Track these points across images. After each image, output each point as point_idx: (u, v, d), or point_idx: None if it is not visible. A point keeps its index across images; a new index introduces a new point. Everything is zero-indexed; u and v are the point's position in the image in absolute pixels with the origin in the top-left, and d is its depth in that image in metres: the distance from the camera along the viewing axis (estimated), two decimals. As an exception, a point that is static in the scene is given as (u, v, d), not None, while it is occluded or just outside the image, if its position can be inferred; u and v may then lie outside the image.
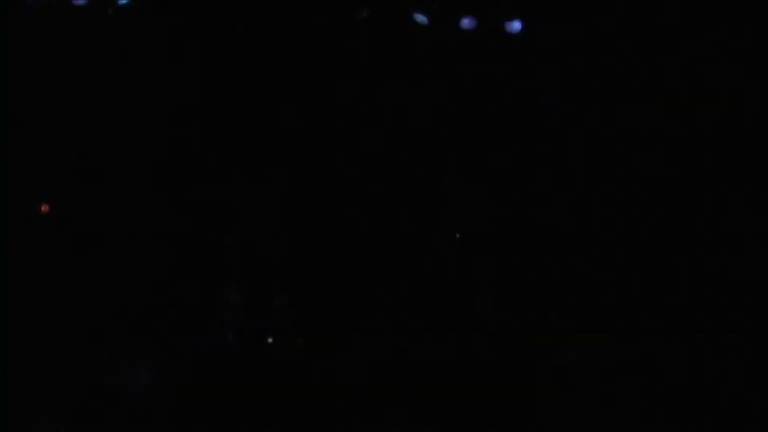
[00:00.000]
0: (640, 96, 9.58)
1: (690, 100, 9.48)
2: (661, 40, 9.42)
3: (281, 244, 9.77)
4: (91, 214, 9.96)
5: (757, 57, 9.41)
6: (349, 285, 10.15)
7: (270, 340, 9.35)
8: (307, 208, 9.88)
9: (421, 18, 9.98)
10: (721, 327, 9.32)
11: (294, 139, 9.92)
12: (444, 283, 9.63)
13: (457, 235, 9.73)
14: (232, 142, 9.80)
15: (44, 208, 9.21)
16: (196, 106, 10.27)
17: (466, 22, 10.05)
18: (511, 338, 9.43)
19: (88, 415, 8.75)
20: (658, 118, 9.52)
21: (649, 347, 9.24)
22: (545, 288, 9.73)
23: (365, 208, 10.48)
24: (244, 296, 9.70)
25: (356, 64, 10.44)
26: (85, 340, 9.22)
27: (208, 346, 9.29)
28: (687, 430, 8.75)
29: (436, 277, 9.53)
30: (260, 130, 9.54)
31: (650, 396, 8.98)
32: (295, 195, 9.75)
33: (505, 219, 9.85)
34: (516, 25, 10.05)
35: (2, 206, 9.24)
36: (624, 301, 9.47)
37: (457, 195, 9.81)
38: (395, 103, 10.53)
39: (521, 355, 9.26)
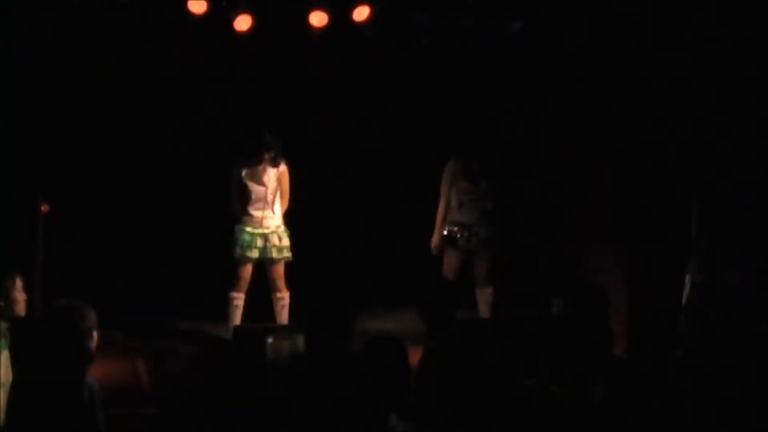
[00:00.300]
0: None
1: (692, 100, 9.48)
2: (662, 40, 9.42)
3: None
4: (90, 214, 9.99)
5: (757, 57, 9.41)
6: (349, 283, 10.16)
7: (270, 339, 9.30)
8: (307, 206, 9.91)
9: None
10: (724, 327, 9.31)
11: (293, 138, 9.95)
12: (444, 282, 9.62)
13: (458, 235, 9.72)
14: (233, 140, 9.82)
15: (44, 208, 9.21)
16: (197, 106, 10.32)
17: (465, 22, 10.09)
18: (511, 337, 9.42)
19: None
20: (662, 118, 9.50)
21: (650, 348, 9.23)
22: (545, 287, 9.73)
23: (365, 206, 10.51)
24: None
25: (356, 64, 10.50)
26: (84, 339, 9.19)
27: (208, 345, 9.27)
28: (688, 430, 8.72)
29: (436, 276, 9.51)
30: (261, 128, 9.55)
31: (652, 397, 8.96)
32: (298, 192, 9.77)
33: (505, 218, 9.88)
34: (516, 25, 10.09)
35: (2, 206, 9.26)
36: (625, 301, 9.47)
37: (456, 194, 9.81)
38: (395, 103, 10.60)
39: (521, 354, 9.23)
